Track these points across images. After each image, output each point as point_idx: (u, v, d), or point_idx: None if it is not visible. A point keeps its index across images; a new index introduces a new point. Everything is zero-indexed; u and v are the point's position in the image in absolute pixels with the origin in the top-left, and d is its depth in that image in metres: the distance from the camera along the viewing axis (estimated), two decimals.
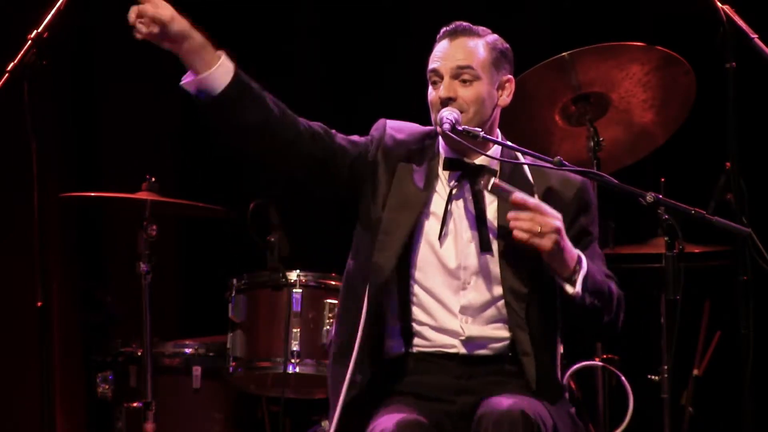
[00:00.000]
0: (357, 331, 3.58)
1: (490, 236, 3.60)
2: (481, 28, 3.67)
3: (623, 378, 4.60)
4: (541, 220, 3.44)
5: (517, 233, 3.45)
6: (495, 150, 3.67)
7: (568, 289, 3.49)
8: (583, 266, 3.50)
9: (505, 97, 3.68)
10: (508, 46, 3.69)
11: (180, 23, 3.48)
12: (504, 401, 3.42)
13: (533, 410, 3.41)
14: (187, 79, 3.53)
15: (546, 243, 3.44)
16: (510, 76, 3.68)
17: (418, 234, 3.62)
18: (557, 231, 3.44)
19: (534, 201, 3.49)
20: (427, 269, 3.62)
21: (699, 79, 4.78)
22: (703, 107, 4.88)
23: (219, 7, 6.33)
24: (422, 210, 3.62)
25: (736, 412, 3.70)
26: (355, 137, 3.73)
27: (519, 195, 3.47)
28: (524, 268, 3.58)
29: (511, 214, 3.47)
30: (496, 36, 3.68)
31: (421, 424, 3.45)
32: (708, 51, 3.83)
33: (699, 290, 5.26)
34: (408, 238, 3.60)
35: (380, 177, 3.66)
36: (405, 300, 3.62)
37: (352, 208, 3.85)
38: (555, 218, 3.45)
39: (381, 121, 3.76)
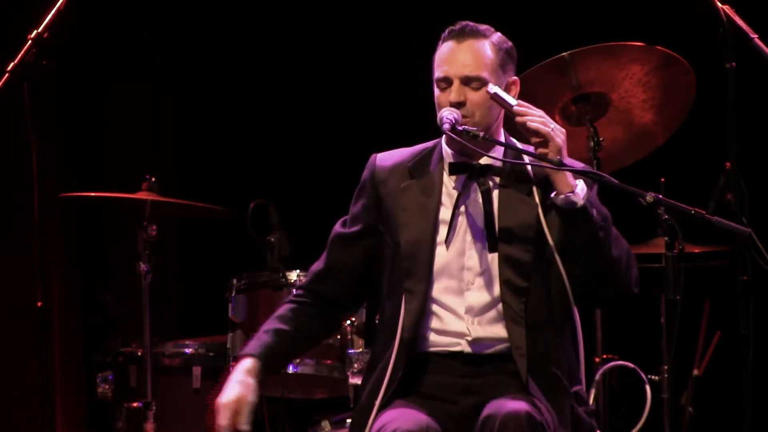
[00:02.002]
0: (388, 367, 3.60)
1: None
2: (484, 27, 3.66)
3: (648, 385, 4.59)
4: (550, 122, 3.50)
5: (531, 123, 3.49)
6: (498, 149, 3.67)
7: (571, 197, 3.47)
8: (582, 185, 3.51)
9: None
10: (511, 43, 3.69)
11: (253, 393, 3.69)
12: (509, 403, 3.42)
13: (538, 412, 3.42)
14: None
15: (558, 138, 3.48)
16: (515, 78, 3.68)
17: (435, 248, 3.64)
18: (564, 134, 3.50)
19: (540, 111, 3.53)
20: (434, 277, 3.63)
21: (699, 79, 4.77)
22: (703, 107, 4.88)
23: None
24: (434, 223, 3.63)
25: (736, 412, 3.70)
26: (356, 208, 3.78)
27: (523, 105, 3.52)
28: (524, 263, 3.57)
29: (519, 110, 3.52)
30: (499, 34, 3.67)
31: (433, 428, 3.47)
32: (708, 51, 3.83)
33: (699, 290, 5.26)
34: (430, 258, 3.61)
35: (386, 208, 3.69)
36: (422, 308, 3.62)
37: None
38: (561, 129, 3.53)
39: (371, 158, 3.79)
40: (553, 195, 3.52)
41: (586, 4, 6.08)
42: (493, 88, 3.55)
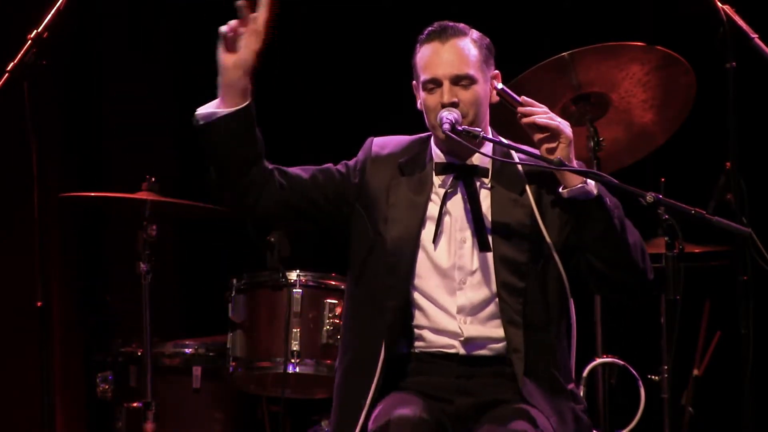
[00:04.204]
0: (379, 355, 3.57)
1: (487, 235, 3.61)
2: (462, 26, 3.67)
3: (640, 381, 4.60)
4: (554, 116, 3.52)
5: (540, 120, 3.52)
6: (488, 147, 3.67)
7: (585, 187, 3.48)
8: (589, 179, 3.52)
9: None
10: (488, 39, 3.70)
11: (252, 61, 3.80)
12: (508, 425, 3.43)
13: (535, 428, 3.43)
14: (207, 110, 3.85)
15: (568, 130, 3.51)
16: (497, 71, 3.70)
17: (419, 245, 3.64)
18: (569, 126, 3.52)
19: (543, 107, 3.55)
20: (423, 274, 3.63)
21: (699, 79, 4.78)
22: (703, 107, 4.88)
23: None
24: (421, 220, 3.64)
25: (736, 412, 3.70)
26: (339, 166, 3.77)
27: (528, 102, 3.54)
28: (520, 263, 3.58)
29: (524, 109, 3.55)
30: (475, 31, 3.69)
31: (423, 419, 3.45)
32: (708, 51, 3.83)
33: (699, 290, 5.26)
34: (414, 255, 3.62)
35: (372, 197, 3.68)
36: (407, 305, 3.62)
37: None
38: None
39: (368, 140, 3.80)
40: (562, 189, 3.52)
41: (586, 4, 6.07)
42: (500, 85, 3.55)
